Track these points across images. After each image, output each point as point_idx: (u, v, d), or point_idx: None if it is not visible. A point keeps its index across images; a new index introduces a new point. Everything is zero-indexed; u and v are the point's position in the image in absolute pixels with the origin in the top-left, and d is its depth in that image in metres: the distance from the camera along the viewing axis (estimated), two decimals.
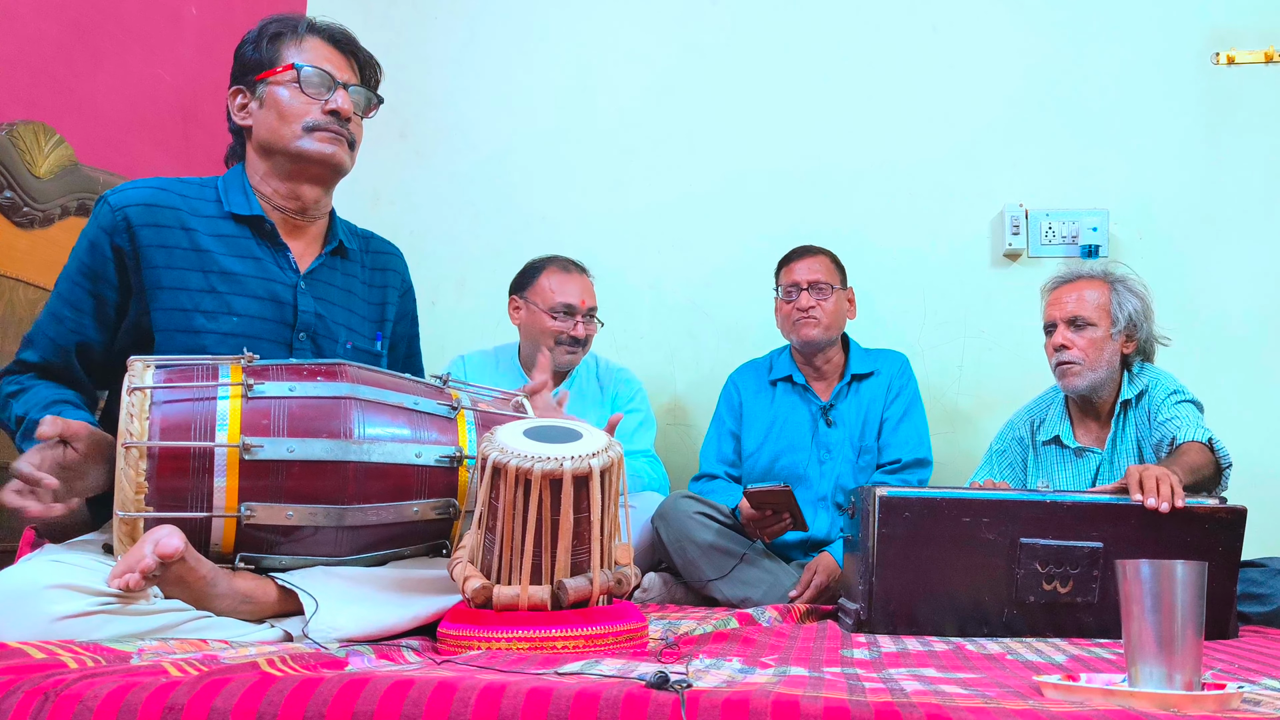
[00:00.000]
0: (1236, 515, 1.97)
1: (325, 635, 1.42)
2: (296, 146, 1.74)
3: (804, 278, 2.75)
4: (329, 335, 1.80)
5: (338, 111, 1.76)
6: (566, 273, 2.83)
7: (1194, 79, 3.11)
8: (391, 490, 1.57)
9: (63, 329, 1.68)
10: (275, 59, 1.76)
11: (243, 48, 1.79)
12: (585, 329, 2.80)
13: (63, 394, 1.67)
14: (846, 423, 2.74)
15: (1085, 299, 2.44)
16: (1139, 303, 2.45)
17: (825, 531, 2.68)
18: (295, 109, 1.74)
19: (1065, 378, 2.45)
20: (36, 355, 1.69)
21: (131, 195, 1.70)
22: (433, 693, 0.97)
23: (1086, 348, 2.41)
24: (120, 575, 1.34)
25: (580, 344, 2.81)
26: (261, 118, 1.76)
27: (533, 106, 3.37)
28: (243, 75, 1.78)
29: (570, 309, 2.78)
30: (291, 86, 1.74)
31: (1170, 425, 2.30)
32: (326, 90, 1.76)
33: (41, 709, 0.97)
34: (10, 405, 1.65)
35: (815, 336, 2.72)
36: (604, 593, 1.50)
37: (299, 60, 1.75)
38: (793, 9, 3.29)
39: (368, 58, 1.85)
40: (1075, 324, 2.43)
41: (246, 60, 1.78)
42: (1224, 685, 1.11)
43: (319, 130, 1.75)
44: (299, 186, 1.79)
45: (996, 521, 1.95)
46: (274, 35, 1.77)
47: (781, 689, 1.03)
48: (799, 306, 2.73)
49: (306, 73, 1.74)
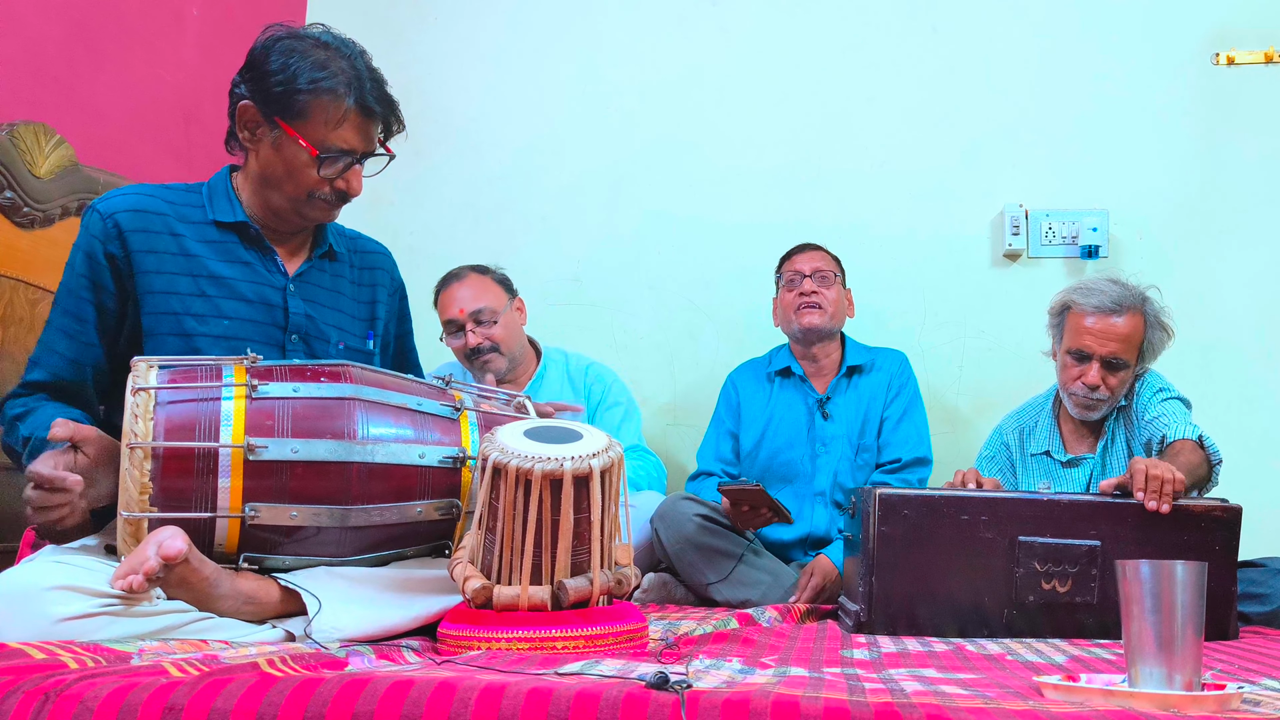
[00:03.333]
0: (1233, 514, 1.98)
1: (327, 635, 1.42)
2: (294, 203, 1.73)
3: (808, 267, 2.76)
4: (320, 336, 1.80)
5: (345, 193, 1.74)
6: (445, 288, 2.72)
7: (1194, 79, 3.11)
8: (395, 491, 1.57)
9: (73, 343, 1.67)
10: (304, 115, 1.65)
11: (274, 74, 1.65)
12: (478, 335, 2.66)
13: (69, 413, 1.63)
14: (844, 417, 2.74)
15: (1128, 340, 2.33)
16: (1165, 337, 2.38)
17: (824, 528, 2.68)
18: (306, 176, 1.69)
19: (1085, 410, 2.40)
20: (45, 374, 1.67)
21: (119, 202, 1.70)
22: (433, 693, 0.97)
23: (1116, 387, 2.36)
24: (124, 576, 1.34)
25: (483, 350, 2.67)
26: (269, 157, 1.70)
27: (533, 107, 3.37)
28: (264, 100, 1.67)
29: (452, 323, 2.68)
30: (310, 159, 1.68)
31: (1158, 423, 2.30)
32: (342, 170, 1.71)
33: (41, 709, 0.97)
34: (17, 427, 1.64)
35: (817, 323, 2.72)
36: (604, 593, 1.50)
37: (327, 140, 1.67)
38: (793, 10, 3.29)
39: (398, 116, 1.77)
40: (1111, 364, 2.34)
41: (272, 93, 1.65)
42: (1224, 685, 1.12)
43: (322, 201, 1.73)
44: (286, 218, 1.78)
45: (995, 520, 1.95)
46: (311, 89, 1.65)
47: (781, 689, 1.04)
48: (802, 292, 2.73)
49: (326, 162, 1.68)
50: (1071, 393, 2.40)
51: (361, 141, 1.72)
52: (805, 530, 2.68)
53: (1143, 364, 2.41)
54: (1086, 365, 2.36)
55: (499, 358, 2.70)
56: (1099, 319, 2.35)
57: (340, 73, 1.67)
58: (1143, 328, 2.37)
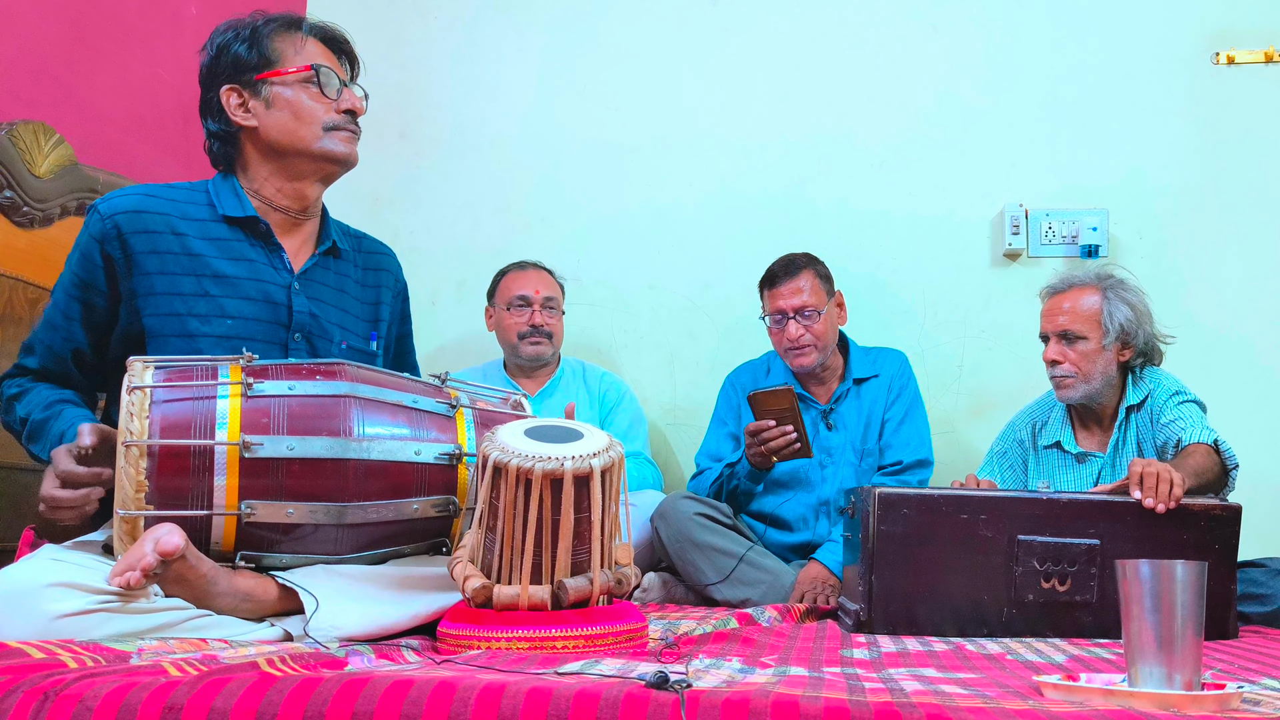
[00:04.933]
0: (1232, 513, 1.98)
1: (326, 634, 1.42)
2: (319, 147, 1.76)
3: (789, 304, 2.67)
4: (323, 335, 1.80)
5: (353, 110, 1.79)
6: (522, 270, 2.97)
7: (1194, 79, 3.11)
8: (391, 488, 1.57)
9: (56, 336, 1.72)
10: (277, 58, 1.75)
11: (231, 45, 1.76)
12: (543, 317, 2.90)
13: (62, 394, 1.71)
14: (847, 426, 2.73)
15: (1077, 311, 2.40)
16: (1129, 311, 2.40)
17: (828, 537, 2.64)
18: (312, 110, 1.75)
19: (1059, 390, 2.44)
20: (35, 362, 1.74)
21: (120, 203, 1.71)
22: (433, 693, 0.97)
23: (1078, 360, 2.39)
24: (121, 573, 1.34)
25: (541, 332, 2.89)
26: (272, 119, 1.75)
27: (533, 107, 3.37)
28: (236, 74, 1.75)
29: (524, 299, 2.90)
30: (305, 87, 1.75)
31: (1174, 427, 2.30)
32: (339, 86, 1.78)
33: (41, 709, 0.97)
34: (14, 407, 1.71)
35: (809, 364, 2.70)
36: (604, 593, 1.50)
37: (304, 61, 1.75)
38: (792, 10, 3.29)
39: (355, 55, 1.87)
40: (1066, 337, 2.40)
41: (241, 59, 1.75)
42: (1224, 685, 1.11)
43: (339, 130, 1.77)
44: (306, 185, 1.80)
45: (994, 519, 1.95)
46: (270, 34, 1.76)
47: (781, 689, 1.04)
48: (789, 337, 2.68)
49: (325, 73, 1.76)
50: (1051, 379, 2.46)
51: (336, 65, 1.80)
52: (807, 538, 2.68)
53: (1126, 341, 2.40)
54: (1049, 348, 2.44)
55: (549, 345, 2.92)
56: (1048, 299, 2.49)
57: (283, 15, 1.81)
58: (1099, 300, 2.41)
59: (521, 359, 2.92)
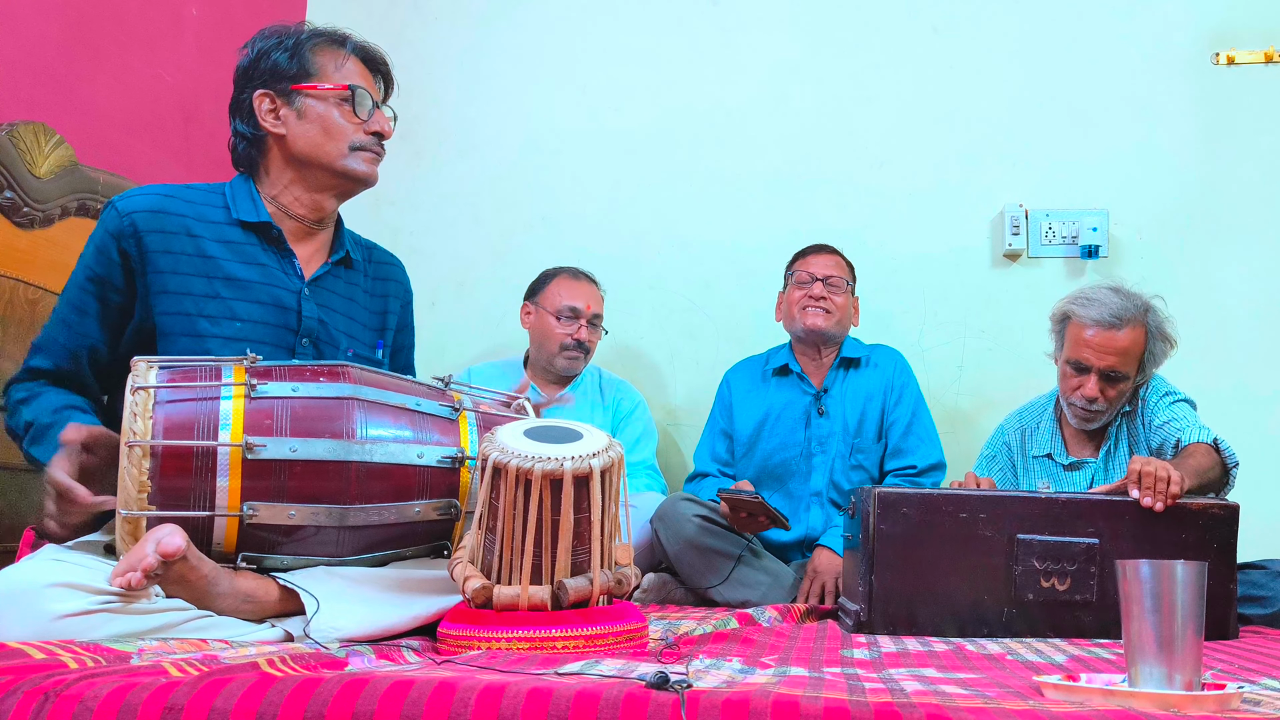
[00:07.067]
0: (1230, 512, 1.98)
1: (326, 635, 1.42)
2: (343, 165, 1.78)
3: (821, 271, 2.76)
4: (331, 342, 1.81)
5: (381, 132, 1.81)
6: (575, 279, 2.94)
7: (1194, 79, 3.11)
8: (393, 490, 1.57)
9: (71, 334, 1.70)
10: (316, 71, 1.77)
11: (272, 52, 1.77)
12: (588, 334, 2.89)
13: (71, 400, 1.69)
14: (840, 414, 2.74)
15: (1130, 354, 2.31)
16: (1167, 347, 2.36)
17: (820, 529, 2.67)
18: (342, 128, 1.77)
19: (1082, 420, 2.39)
20: (47, 362, 1.71)
21: (139, 201, 1.71)
22: (433, 693, 0.97)
23: (1114, 399, 2.35)
24: (122, 574, 1.34)
25: (583, 348, 2.88)
26: (301, 130, 1.76)
27: (533, 107, 3.37)
28: (273, 80, 1.76)
29: (575, 311, 2.87)
30: (339, 105, 1.77)
31: (1170, 427, 2.29)
32: (371, 108, 1.80)
33: (41, 709, 0.97)
34: (20, 411, 1.68)
35: (821, 325, 2.72)
36: (604, 593, 1.50)
37: (342, 79, 1.77)
38: (792, 10, 3.29)
39: (391, 77, 1.89)
40: (1110, 377, 2.32)
41: (279, 67, 1.76)
42: (1224, 685, 1.12)
43: (364, 150, 1.79)
44: (324, 198, 1.82)
45: (994, 518, 1.96)
46: (313, 47, 1.78)
47: (781, 689, 1.04)
48: (811, 294, 2.73)
49: (360, 95, 1.78)
50: (1070, 403, 2.39)
51: (371, 85, 1.82)
52: (801, 533, 2.68)
53: (1144, 373, 2.39)
54: (1085, 377, 2.34)
55: (585, 361, 2.93)
56: (1098, 332, 2.32)
57: (328, 30, 1.82)
58: (1144, 340, 2.34)
59: (555, 369, 2.91)
